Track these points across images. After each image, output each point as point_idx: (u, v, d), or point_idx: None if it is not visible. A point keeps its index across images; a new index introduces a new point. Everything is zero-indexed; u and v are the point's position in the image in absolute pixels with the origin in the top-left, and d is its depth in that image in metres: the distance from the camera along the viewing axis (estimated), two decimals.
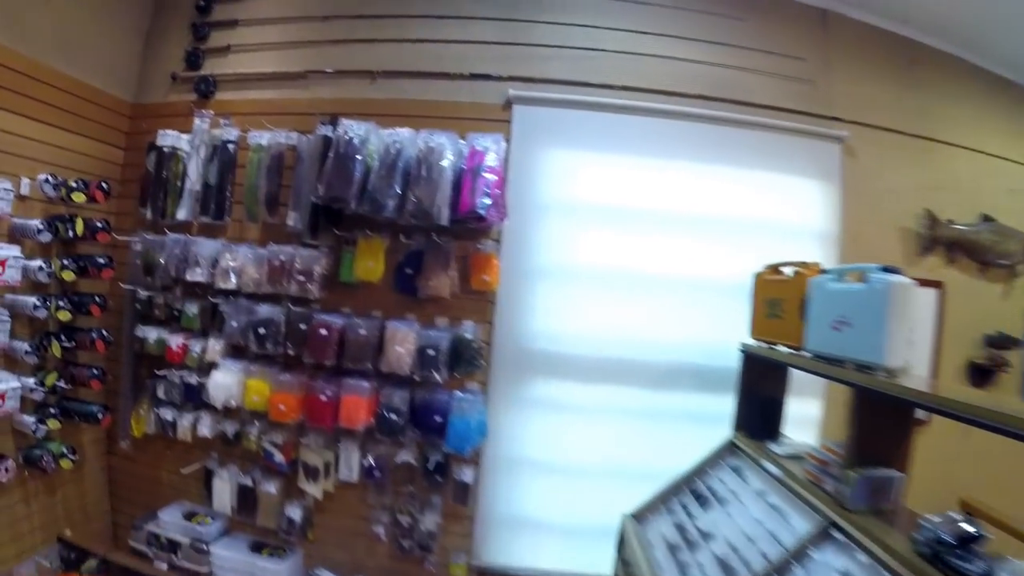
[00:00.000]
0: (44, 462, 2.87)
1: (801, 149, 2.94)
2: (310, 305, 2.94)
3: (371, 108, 2.93)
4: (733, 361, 2.47)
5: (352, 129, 2.65)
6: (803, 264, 2.10)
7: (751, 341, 2.37)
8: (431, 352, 2.69)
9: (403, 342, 2.70)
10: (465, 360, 2.74)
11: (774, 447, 2.13)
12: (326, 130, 2.75)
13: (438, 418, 2.72)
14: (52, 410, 2.91)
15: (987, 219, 3.17)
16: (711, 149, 2.90)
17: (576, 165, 2.93)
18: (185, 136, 3.16)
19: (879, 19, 3.13)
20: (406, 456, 2.85)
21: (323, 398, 2.78)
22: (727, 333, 2.56)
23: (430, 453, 2.85)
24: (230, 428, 3.06)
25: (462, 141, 2.73)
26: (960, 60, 3.26)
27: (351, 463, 2.90)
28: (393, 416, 2.73)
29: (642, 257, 2.88)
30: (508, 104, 2.93)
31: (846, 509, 1.59)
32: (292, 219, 2.87)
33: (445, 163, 2.58)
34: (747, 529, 1.86)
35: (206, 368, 3.01)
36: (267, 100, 3.19)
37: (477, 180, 2.60)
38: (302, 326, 2.83)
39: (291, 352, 2.84)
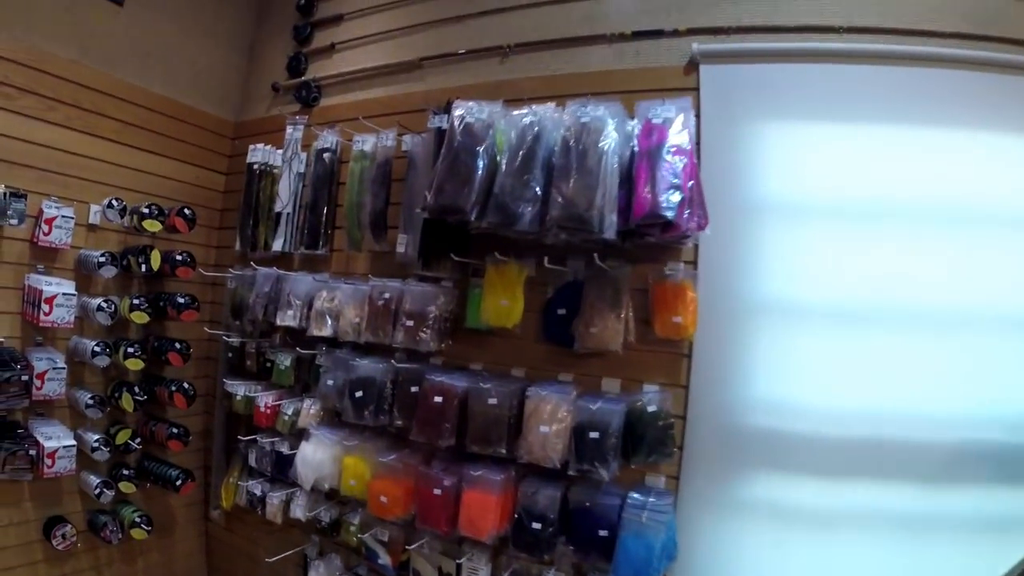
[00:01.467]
0: (107, 531, 2.50)
1: None
2: (425, 360, 2.24)
3: (503, 92, 2.20)
4: None
5: (471, 112, 1.93)
6: None
7: None
8: (594, 435, 1.83)
9: (552, 418, 1.87)
10: (646, 444, 1.87)
11: None
12: (439, 120, 2.09)
13: (603, 531, 1.87)
14: (126, 472, 2.56)
15: None
16: (977, 108, 1.93)
17: (799, 141, 2.03)
18: (279, 151, 2.70)
19: None
20: None
21: (437, 492, 2.04)
22: None
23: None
24: (327, 514, 2.45)
25: (632, 121, 1.90)
26: None
27: None
28: (536, 525, 1.90)
29: (906, 278, 1.91)
30: (692, 65, 2.10)
31: None
32: (402, 244, 2.20)
33: (607, 145, 1.77)
34: None
35: (299, 435, 2.43)
36: (375, 99, 2.67)
37: (658, 168, 1.75)
38: (412, 389, 2.11)
39: (398, 423, 2.13)
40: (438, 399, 2.01)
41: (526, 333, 2.11)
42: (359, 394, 2.15)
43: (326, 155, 2.52)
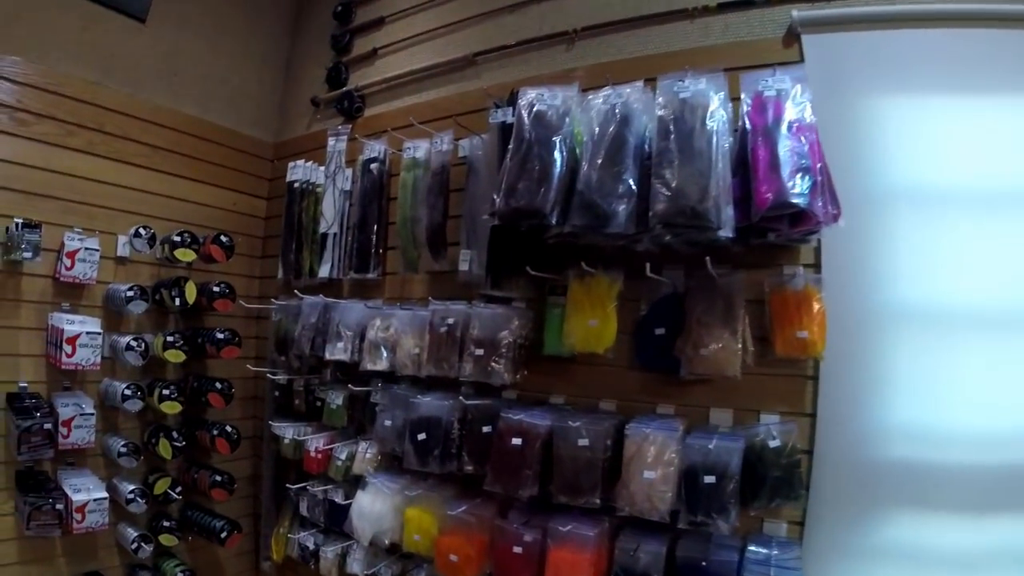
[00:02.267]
0: None
1: None
2: (497, 394, 2.02)
3: (571, 83, 1.98)
4: None
5: (542, 99, 1.74)
6: None
7: None
8: (709, 479, 1.57)
9: (658, 461, 1.62)
10: (768, 487, 1.61)
11: None
12: (503, 114, 1.89)
13: None
14: (167, 523, 2.45)
15: None
16: None
17: (930, 118, 1.76)
18: (322, 167, 2.59)
19: None
20: None
21: (518, 550, 1.80)
22: None
23: None
24: (387, 571, 2.25)
25: (746, 100, 1.66)
26: None
27: None
28: None
29: None
30: (792, 36, 1.86)
31: None
32: (465, 261, 2.01)
33: (716, 123, 1.55)
34: None
35: (355, 483, 2.25)
36: (426, 103, 2.52)
37: (779, 148, 1.51)
38: (484, 429, 1.89)
39: (469, 470, 1.91)
40: (517, 441, 1.79)
41: (616, 359, 1.87)
42: (422, 436, 1.95)
43: (374, 166, 2.37)
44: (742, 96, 1.67)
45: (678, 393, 1.83)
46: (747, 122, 1.63)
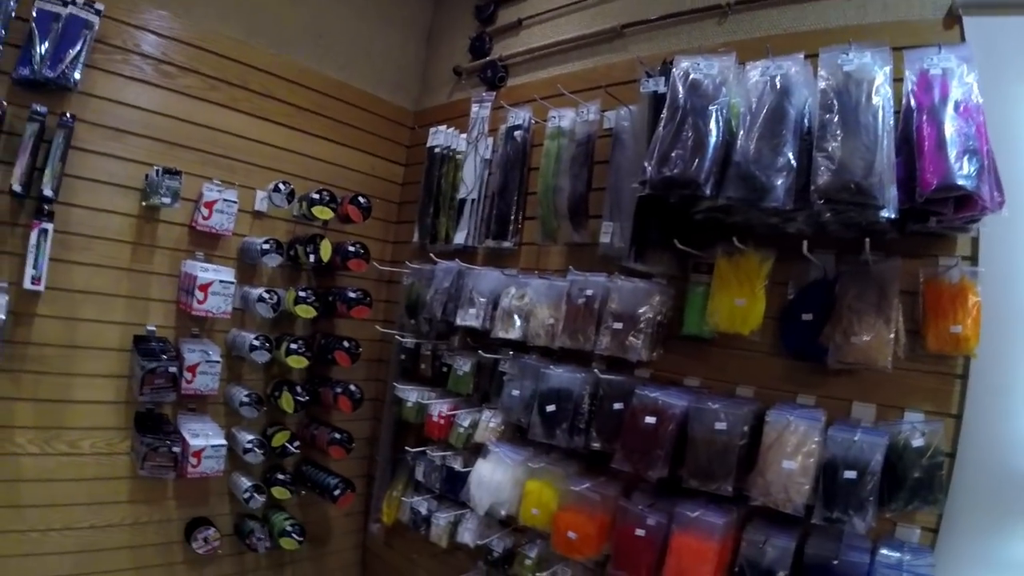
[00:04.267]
0: (254, 539, 2.65)
1: None
2: (632, 372, 2.17)
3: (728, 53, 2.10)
4: None
5: (698, 68, 1.85)
6: None
7: None
8: (850, 474, 1.65)
9: (798, 451, 1.72)
10: (908, 488, 1.67)
11: None
12: (655, 84, 2.00)
13: None
14: (281, 476, 2.73)
15: None
16: None
17: None
18: (463, 135, 2.84)
19: None
20: None
21: (640, 533, 1.95)
22: None
23: None
24: (500, 543, 2.46)
25: (911, 77, 1.71)
26: None
27: None
28: None
29: None
30: (953, 17, 1.89)
31: None
32: (607, 234, 2.17)
33: (881, 98, 1.60)
34: None
35: (475, 451, 2.48)
36: (571, 74, 2.70)
37: (945, 128, 1.56)
38: (616, 406, 2.05)
39: (596, 447, 2.08)
40: (650, 420, 1.94)
41: (757, 343, 1.97)
42: (551, 408, 2.14)
43: (517, 133, 2.58)
44: (906, 74, 1.72)
45: (819, 384, 1.91)
46: (912, 100, 1.67)
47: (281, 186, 2.68)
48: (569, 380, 2.16)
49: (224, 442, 2.44)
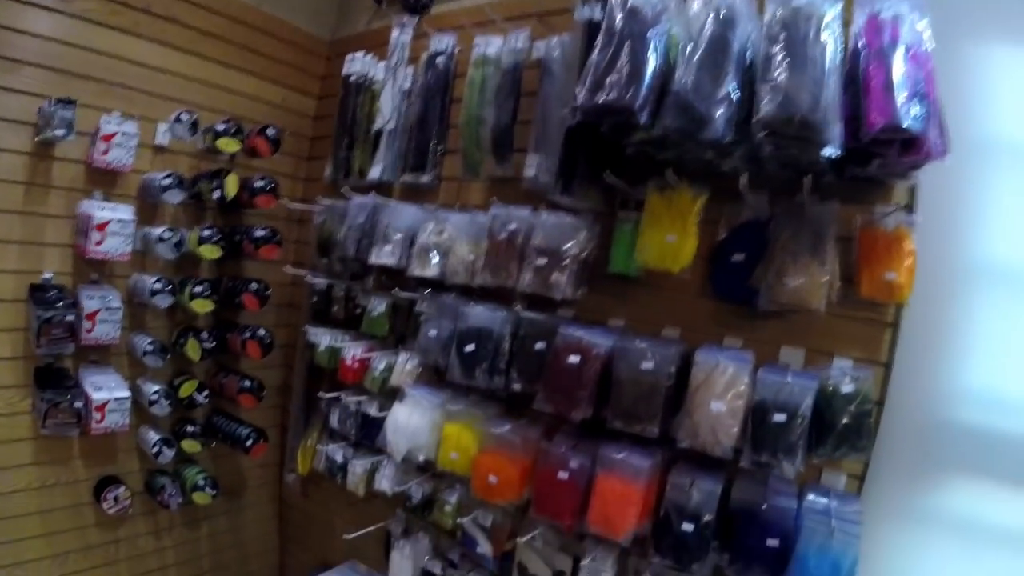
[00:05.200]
0: (166, 495, 2.43)
1: None
2: (555, 310, 2.00)
3: None
4: None
5: None
6: None
7: None
8: (779, 417, 1.55)
9: (726, 392, 1.60)
10: (836, 434, 1.57)
11: None
12: (591, 11, 1.80)
13: (772, 541, 1.59)
14: (190, 429, 2.50)
15: None
16: None
17: None
18: (381, 63, 2.55)
19: None
20: None
21: (563, 476, 1.81)
22: None
23: None
24: (418, 489, 2.30)
25: (860, 19, 1.59)
26: None
27: None
28: (686, 526, 1.65)
29: None
30: None
31: None
32: (532, 167, 1.96)
33: (830, 34, 1.48)
34: None
35: (391, 395, 2.26)
36: (500, 2, 2.38)
37: (894, 71, 1.45)
38: (538, 345, 1.88)
39: (517, 388, 1.91)
40: (574, 359, 1.77)
41: (685, 284, 1.84)
42: (470, 348, 1.95)
43: (440, 60, 2.32)
44: (855, 15, 1.59)
45: (748, 327, 1.81)
46: (861, 41, 1.56)
47: (184, 116, 2.36)
48: (489, 319, 1.97)
49: (128, 394, 2.20)
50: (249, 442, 2.50)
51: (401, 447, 2.12)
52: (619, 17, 1.62)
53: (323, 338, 2.46)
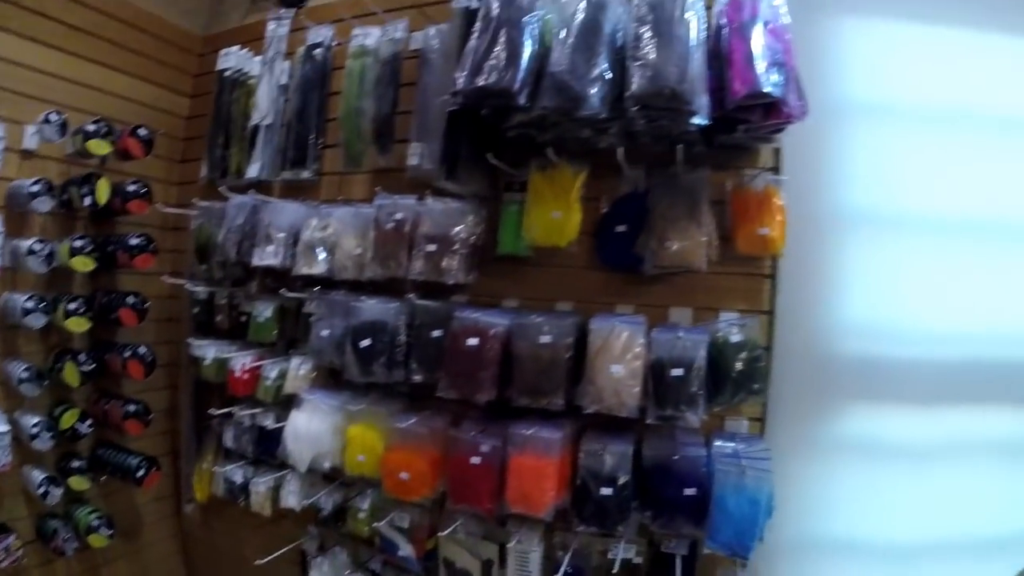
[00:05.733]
0: (60, 540, 2.17)
1: None
2: (448, 297, 1.94)
3: None
4: None
5: None
6: None
7: None
8: (677, 372, 1.57)
9: (624, 354, 1.61)
10: (732, 382, 1.64)
11: None
12: (469, 0, 1.81)
13: (690, 490, 1.63)
14: (76, 463, 2.25)
15: None
16: None
17: (885, 42, 1.96)
18: (257, 58, 2.41)
19: None
20: (626, 552, 1.75)
21: (475, 461, 1.75)
22: None
23: (668, 544, 1.77)
24: (328, 500, 2.15)
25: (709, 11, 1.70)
26: None
27: (528, 564, 1.85)
28: (605, 491, 1.64)
29: (1008, 192, 1.91)
30: None
31: None
32: (415, 155, 1.89)
33: (694, 12, 1.56)
34: None
35: (287, 404, 2.11)
36: None
37: (754, 43, 1.55)
38: (435, 334, 1.81)
39: (417, 379, 1.83)
40: (472, 341, 1.71)
41: (573, 259, 1.87)
42: (365, 343, 1.84)
43: (317, 52, 2.21)
44: None
45: (636, 293, 1.85)
46: (724, 18, 1.66)
47: (53, 116, 2.12)
48: (382, 311, 1.87)
49: (7, 428, 1.96)
50: (140, 472, 2.26)
51: (304, 456, 1.98)
52: (495, 5, 1.66)
53: (208, 350, 2.27)
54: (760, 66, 1.51)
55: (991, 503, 1.93)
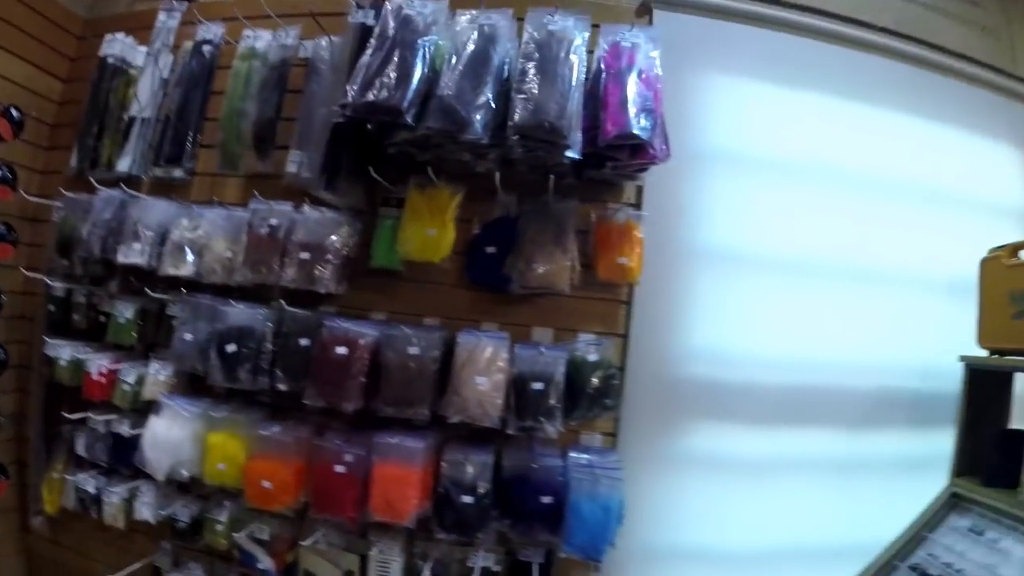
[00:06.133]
0: None
1: (995, 107, 2.53)
2: (319, 306, 1.90)
3: None
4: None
5: (411, 5, 1.71)
6: None
7: (981, 351, 1.98)
8: (538, 386, 1.64)
9: (488, 369, 1.65)
10: (587, 398, 1.72)
11: None
12: (365, 15, 1.81)
13: (547, 498, 1.69)
14: None
15: None
16: (901, 94, 2.36)
17: (741, 99, 2.22)
18: (143, 48, 2.27)
19: None
20: (485, 561, 1.80)
21: (340, 469, 1.72)
22: (949, 344, 2.10)
23: (525, 552, 1.82)
24: (186, 511, 2.01)
25: (604, 46, 1.83)
26: None
27: (389, 574, 1.84)
28: (466, 499, 1.66)
29: (834, 237, 2.24)
30: (645, 8, 2.10)
31: None
32: (294, 163, 1.85)
33: (577, 56, 1.68)
34: None
35: (144, 411, 1.98)
36: None
37: (628, 90, 1.67)
38: (303, 342, 1.77)
39: (282, 387, 1.78)
40: (341, 350, 1.70)
41: (444, 276, 1.92)
42: (231, 348, 1.77)
43: (206, 48, 2.11)
44: (600, 43, 1.82)
45: (502, 312, 1.92)
46: (602, 65, 1.78)
47: None
48: (250, 317, 1.81)
49: None
50: None
51: (163, 464, 1.85)
52: (392, 24, 1.69)
53: (63, 351, 2.08)
54: (631, 111, 1.63)
55: (822, 515, 2.15)
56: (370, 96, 1.57)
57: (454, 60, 1.65)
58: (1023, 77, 2.58)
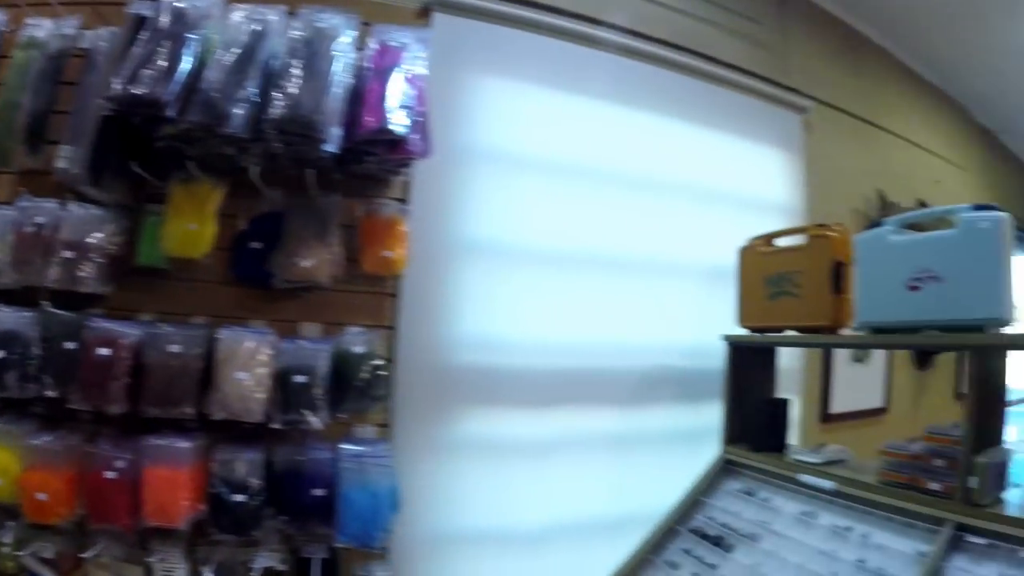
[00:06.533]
0: None
1: (765, 115, 2.79)
2: (84, 307, 1.79)
3: None
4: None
5: None
6: (820, 227, 1.92)
7: (741, 330, 2.15)
8: (300, 379, 1.62)
9: (249, 363, 1.60)
10: (355, 390, 1.72)
11: (802, 456, 1.90)
12: (141, 6, 1.73)
13: (318, 491, 1.67)
14: None
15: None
16: (675, 102, 2.54)
17: (514, 101, 2.28)
18: None
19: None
20: (266, 560, 1.74)
21: (111, 475, 1.64)
22: (712, 325, 2.27)
23: (307, 548, 1.78)
24: None
25: (373, 45, 1.83)
26: (891, 54, 3.54)
27: None
28: (238, 497, 1.62)
29: (603, 231, 2.37)
30: (426, 10, 2.14)
31: (977, 506, 1.37)
32: (65, 158, 1.74)
33: (340, 53, 1.68)
34: (815, 567, 1.56)
35: None
36: None
37: (390, 88, 1.70)
38: (69, 345, 1.67)
39: (51, 393, 1.67)
40: (104, 351, 1.62)
41: (210, 273, 1.86)
42: None
43: None
44: (369, 43, 1.82)
45: (270, 309, 1.88)
46: (370, 62, 1.78)
47: None
48: (16, 321, 1.69)
49: None
50: None
51: None
52: (166, 17, 1.65)
53: None
54: (391, 108, 1.65)
55: (602, 489, 2.22)
56: (134, 89, 1.53)
57: (222, 55, 1.62)
58: (794, 87, 2.86)
